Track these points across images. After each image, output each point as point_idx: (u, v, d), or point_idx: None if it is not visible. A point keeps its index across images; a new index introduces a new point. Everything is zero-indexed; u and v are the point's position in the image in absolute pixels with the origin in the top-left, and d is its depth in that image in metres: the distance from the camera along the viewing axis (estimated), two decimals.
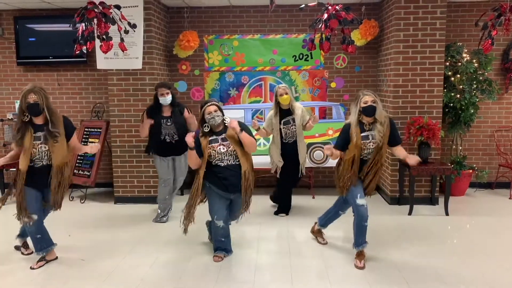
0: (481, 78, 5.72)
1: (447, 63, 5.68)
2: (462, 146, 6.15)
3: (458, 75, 5.67)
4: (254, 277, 3.53)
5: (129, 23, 3.95)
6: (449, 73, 5.68)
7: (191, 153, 3.73)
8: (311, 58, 6.26)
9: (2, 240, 4.43)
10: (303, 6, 4.10)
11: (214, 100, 3.86)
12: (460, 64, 5.69)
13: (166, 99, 4.68)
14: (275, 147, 4.98)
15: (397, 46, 5.38)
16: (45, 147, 3.58)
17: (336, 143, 3.89)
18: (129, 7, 5.12)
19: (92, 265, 3.80)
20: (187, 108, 4.95)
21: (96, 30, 3.80)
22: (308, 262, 3.83)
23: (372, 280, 3.45)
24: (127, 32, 3.93)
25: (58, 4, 6.05)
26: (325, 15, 3.78)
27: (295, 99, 6.19)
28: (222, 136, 3.74)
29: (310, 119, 4.84)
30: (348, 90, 6.32)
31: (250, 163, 3.79)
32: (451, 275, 3.53)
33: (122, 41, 4.01)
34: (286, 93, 4.82)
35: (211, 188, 3.80)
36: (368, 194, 3.87)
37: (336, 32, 3.89)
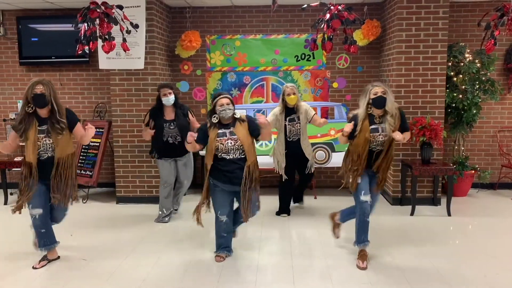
0: (483, 78, 5.70)
1: (450, 63, 5.67)
2: (464, 146, 6.14)
3: (461, 75, 5.65)
4: (256, 277, 3.53)
5: (131, 23, 3.96)
6: (452, 73, 5.67)
7: (187, 145, 3.81)
8: (313, 58, 6.26)
9: (3, 240, 4.44)
10: (305, 6, 4.10)
11: (227, 93, 3.86)
12: (462, 64, 5.68)
13: (169, 99, 4.68)
14: (279, 146, 4.99)
15: (400, 46, 5.37)
16: (49, 140, 3.56)
17: (348, 120, 3.88)
18: (131, 7, 5.12)
19: (94, 265, 3.81)
20: (190, 111, 4.90)
21: (99, 30, 3.80)
22: (310, 262, 3.83)
23: (374, 280, 3.45)
24: (129, 32, 3.94)
25: (61, 4, 6.06)
26: (327, 15, 3.78)
27: None
28: (230, 130, 3.72)
29: (320, 120, 4.91)
30: (350, 90, 6.31)
31: (255, 158, 3.80)
32: (453, 276, 3.52)
33: (125, 41, 4.02)
34: (294, 93, 4.84)
35: (214, 185, 3.79)
36: (381, 187, 3.82)
37: (338, 32, 3.90)
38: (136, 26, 4.02)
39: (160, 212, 4.99)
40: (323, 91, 6.29)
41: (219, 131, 3.71)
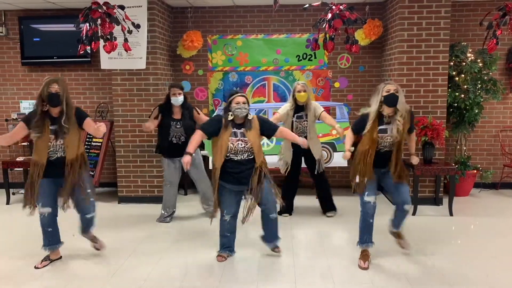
0: (485, 78, 5.69)
1: (452, 63, 5.66)
2: (466, 146, 6.13)
3: (463, 75, 5.64)
4: (257, 277, 3.53)
5: (133, 23, 3.97)
6: (454, 72, 5.66)
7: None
8: (315, 58, 6.25)
9: (5, 240, 4.46)
10: (307, 6, 4.10)
11: (243, 92, 3.85)
12: (464, 63, 5.67)
13: (178, 99, 4.69)
14: (286, 142, 4.96)
15: (401, 46, 5.36)
16: (60, 140, 3.56)
17: (352, 126, 3.87)
18: (133, 7, 5.13)
19: (96, 265, 3.81)
20: (196, 109, 4.89)
21: (100, 30, 3.81)
22: (311, 262, 3.83)
23: (376, 280, 3.44)
24: (130, 32, 3.94)
25: (63, 4, 6.07)
26: (329, 15, 3.78)
27: None
28: (241, 131, 3.69)
29: (336, 130, 4.81)
30: (351, 90, 6.31)
31: (263, 158, 3.78)
32: (455, 276, 3.51)
33: (126, 41, 4.03)
34: (305, 91, 4.83)
35: (223, 185, 3.75)
36: (398, 178, 3.71)
37: (340, 31, 3.89)
38: (137, 26, 4.03)
39: (163, 211, 5.00)
40: (324, 91, 6.28)
41: (232, 131, 3.68)
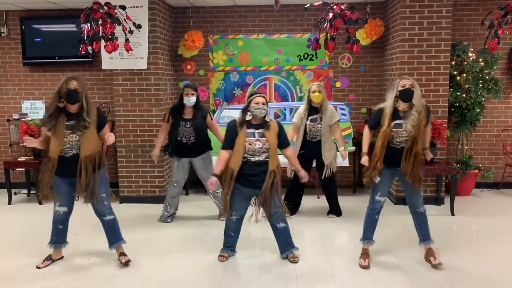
0: (487, 77, 5.68)
1: (453, 62, 5.65)
2: (468, 145, 6.12)
3: (464, 74, 5.64)
4: (259, 277, 3.53)
5: (134, 24, 3.97)
6: (455, 72, 5.65)
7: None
8: (316, 57, 6.25)
9: (7, 239, 4.47)
10: (308, 5, 4.10)
11: (263, 93, 3.83)
12: (466, 63, 5.66)
13: (190, 99, 4.68)
14: (297, 144, 4.91)
15: (403, 45, 5.36)
16: (75, 137, 3.54)
17: (368, 122, 3.88)
18: (134, 7, 5.13)
19: (97, 264, 3.82)
20: (210, 114, 4.86)
21: (101, 31, 3.81)
22: (312, 261, 3.83)
23: (377, 279, 3.44)
24: (131, 32, 3.95)
25: (64, 5, 6.07)
26: (330, 15, 3.78)
27: (300, 99, 6.21)
28: (259, 131, 3.65)
29: (341, 152, 4.86)
30: (353, 90, 6.30)
31: (278, 162, 3.74)
32: (456, 275, 3.51)
33: (127, 41, 4.03)
34: (319, 91, 4.80)
35: (237, 188, 3.71)
36: (417, 186, 3.61)
37: (341, 31, 3.89)
38: (139, 26, 4.03)
39: (164, 212, 5.00)
40: (326, 91, 6.27)
41: (248, 131, 3.65)
